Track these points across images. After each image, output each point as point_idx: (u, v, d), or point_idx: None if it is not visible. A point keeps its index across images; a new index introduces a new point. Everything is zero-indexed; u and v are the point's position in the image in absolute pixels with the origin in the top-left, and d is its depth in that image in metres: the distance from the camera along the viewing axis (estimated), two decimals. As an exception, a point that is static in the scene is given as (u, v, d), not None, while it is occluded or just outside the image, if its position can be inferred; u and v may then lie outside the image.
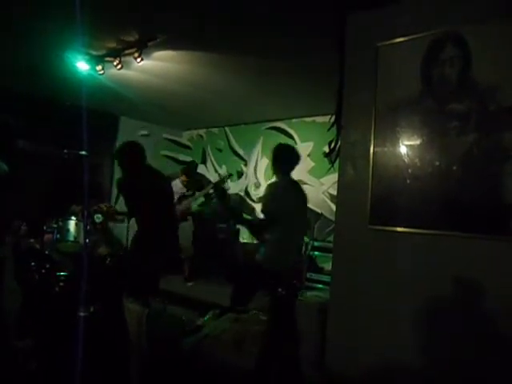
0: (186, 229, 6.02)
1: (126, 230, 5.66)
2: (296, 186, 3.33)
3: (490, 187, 2.25)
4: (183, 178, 6.30)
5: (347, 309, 2.68)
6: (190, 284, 6.10)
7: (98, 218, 5.69)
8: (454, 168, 2.36)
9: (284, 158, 3.38)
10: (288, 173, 3.34)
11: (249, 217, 4.78)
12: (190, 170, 6.54)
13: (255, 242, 6.72)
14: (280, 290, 1.65)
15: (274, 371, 1.64)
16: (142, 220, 3.96)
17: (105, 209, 5.78)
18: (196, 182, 6.55)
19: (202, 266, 6.51)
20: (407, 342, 2.41)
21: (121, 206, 6.03)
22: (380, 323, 2.52)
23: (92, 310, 1.68)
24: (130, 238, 4.91)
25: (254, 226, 3.54)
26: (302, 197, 3.30)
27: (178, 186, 6.11)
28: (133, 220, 4.40)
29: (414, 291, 2.43)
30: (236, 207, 3.34)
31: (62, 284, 2.10)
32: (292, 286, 1.67)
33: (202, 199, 6.69)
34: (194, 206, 6.45)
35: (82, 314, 1.56)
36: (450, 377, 2.25)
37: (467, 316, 2.26)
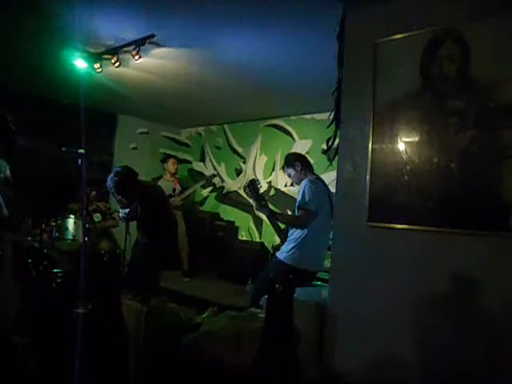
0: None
1: (126, 229, 5.67)
2: (324, 182, 3.45)
3: (488, 185, 2.25)
4: (173, 161, 6.39)
5: (346, 306, 2.68)
6: (186, 279, 6.15)
7: (98, 217, 5.72)
8: (453, 165, 2.36)
9: (307, 160, 3.52)
10: (312, 172, 3.46)
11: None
12: (174, 156, 6.76)
13: (254, 240, 6.75)
14: (277, 286, 1.65)
15: (272, 369, 1.64)
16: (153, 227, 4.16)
17: (103, 208, 5.80)
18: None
19: (200, 264, 6.54)
20: (406, 340, 2.41)
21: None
22: (379, 321, 2.52)
23: (90, 306, 1.68)
24: (129, 239, 4.96)
25: (287, 221, 3.61)
26: (329, 192, 3.41)
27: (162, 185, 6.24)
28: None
29: (413, 288, 2.43)
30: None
31: (59, 280, 2.10)
32: (289, 282, 1.67)
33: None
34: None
35: (79, 310, 1.56)
36: (450, 375, 2.25)
37: (466, 313, 2.26)
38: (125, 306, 2.10)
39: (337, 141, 2.89)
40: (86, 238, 4.53)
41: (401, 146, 2.56)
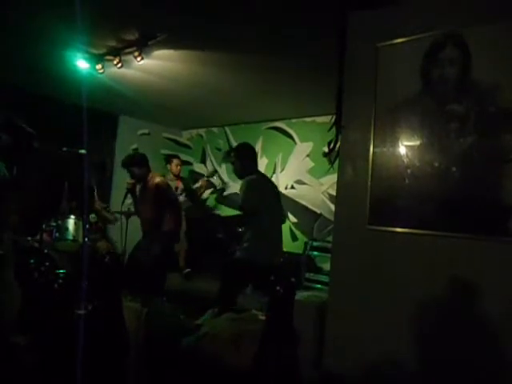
0: None
1: (125, 228, 5.68)
2: (268, 179, 3.46)
3: (488, 189, 2.25)
4: (176, 162, 6.49)
5: (346, 309, 2.68)
6: (186, 270, 6.14)
7: (93, 217, 5.72)
8: (453, 169, 2.36)
9: (252, 156, 3.49)
10: (256, 168, 3.45)
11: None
12: (177, 156, 6.76)
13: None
14: (278, 288, 1.65)
15: (271, 370, 1.65)
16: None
17: (99, 208, 5.80)
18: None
19: (200, 265, 6.54)
20: (405, 342, 2.41)
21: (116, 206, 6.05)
22: (379, 324, 2.52)
23: (90, 307, 1.69)
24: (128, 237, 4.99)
25: (234, 223, 3.66)
26: (275, 188, 3.45)
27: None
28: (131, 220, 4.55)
29: (413, 292, 2.43)
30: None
31: (61, 281, 2.11)
32: (290, 284, 1.68)
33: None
34: None
35: (80, 311, 1.56)
36: (449, 378, 2.26)
37: (466, 317, 2.26)
38: (125, 307, 2.11)
39: (338, 144, 2.90)
40: (87, 239, 4.56)
41: (402, 150, 2.57)
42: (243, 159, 3.48)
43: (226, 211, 7.29)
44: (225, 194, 7.34)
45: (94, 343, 1.67)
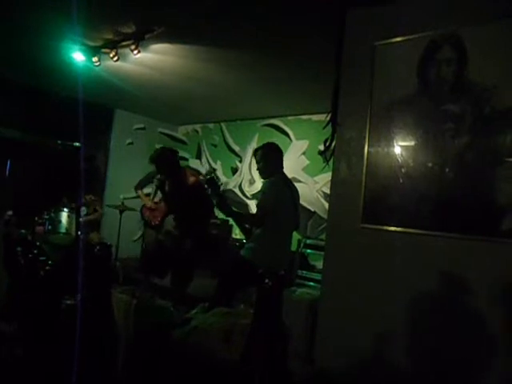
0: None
1: (119, 222, 5.67)
2: (290, 183, 3.39)
3: (482, 189, 2.26)
4: None
5: (338, 306, 2.69)
6: None
7: (84, 210, 5.69)
8: (447, 169, 2.37)
9: (277, 157, 3.42)
10: (281, 170, 3.39)
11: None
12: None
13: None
14: (267, 280, 1.65)
15: (259, 363, 1.64)
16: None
17: (89, 200, 5.75)
18: None
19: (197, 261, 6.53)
20: (397, 339, 2.42)
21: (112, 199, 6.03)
22: (370, 321, 2.53)
23: (79, 298, 1.67)
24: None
25: (246, 220, 3.58)
26: (296, 193, 3.37)
27: None
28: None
29: (405, 290, 2.44)
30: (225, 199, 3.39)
31: (47, 268, 2.09)
32: (279, 277, 1.67)
33: None
34: None
35: (68, 301, 1.55)
36: (441, 374, 2.27)
37: (458, 315, 2.27)
38: (114, 298, 2.10)
39: (333, 142, 2.89)
40: (79, 232, 4.54)
41: (396, 149, 2.57)
42: (268, 160, 3.42)
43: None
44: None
45: (81, 332, 1.66)
